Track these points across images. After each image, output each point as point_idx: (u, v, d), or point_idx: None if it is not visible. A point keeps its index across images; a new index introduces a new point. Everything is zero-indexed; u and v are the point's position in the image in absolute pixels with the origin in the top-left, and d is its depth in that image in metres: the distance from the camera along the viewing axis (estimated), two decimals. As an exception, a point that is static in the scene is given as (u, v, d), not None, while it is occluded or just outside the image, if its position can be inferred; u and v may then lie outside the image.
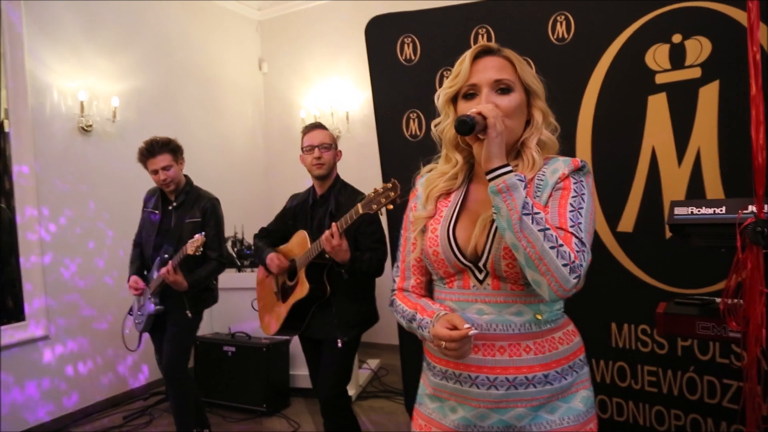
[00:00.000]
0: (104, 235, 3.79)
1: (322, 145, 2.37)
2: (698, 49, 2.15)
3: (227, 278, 3.99)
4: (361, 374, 4.01)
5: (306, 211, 2.46)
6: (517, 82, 1.15)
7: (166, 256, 2.67)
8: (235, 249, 4.30)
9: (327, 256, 2.15)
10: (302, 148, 2.43)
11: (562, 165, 1.12)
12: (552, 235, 0.99)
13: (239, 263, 4.21)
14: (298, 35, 5.17)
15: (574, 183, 1.10)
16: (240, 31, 5.20)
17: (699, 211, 1.19)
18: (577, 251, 1.00)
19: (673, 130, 2.21)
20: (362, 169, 3.92)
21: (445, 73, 2.70)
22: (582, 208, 1.07)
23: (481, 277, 1.14)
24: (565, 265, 0.98)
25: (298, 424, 3.35)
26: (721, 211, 1.17)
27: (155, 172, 2.71)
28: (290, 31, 5.23)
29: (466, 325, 1.03)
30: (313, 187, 2.49)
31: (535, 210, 1.00)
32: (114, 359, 3.81)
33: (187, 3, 4.60)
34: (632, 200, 2.31)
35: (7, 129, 3.33)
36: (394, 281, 1.31)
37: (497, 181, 1.01)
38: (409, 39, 2.82)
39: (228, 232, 4.27)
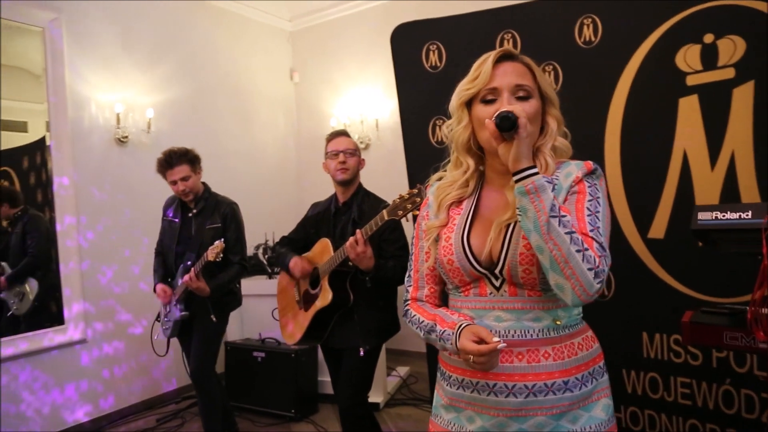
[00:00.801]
0: (140, 242, 3.90)
1: (346, 150, 2.38)
2: (731, 48, 2.08)
3: (258, 285, 4.07)
4: (390, 381, 3.99)
5: (328, 219, 2.46)
6: (535, 89, 1.15)
7: (189, 263, 2.72)
8: (266, 256, 4.36)
9: (351, 263, 2.14)
10: (326, 154, 2.45)
11: (575, 168, 1.11)
12: (578, 239, 0.99)
13: (270, 270, 4.27)
14: (328, 45, 5.23)
15: (589, 186, 1.09)
16: (272, 42, 5.30)
17: (724, 215, 1.15)
18: (600, 256, 1.00)
19: (706, 132, 2.13)
20: (392, 175, 3.92)
21: (470, 79, 2.68)
22: (599, 212, 1.06)
23: (497, 284, 1.12)
24: (590, 269, 0.98)
25: (325, 430, 3.36)
26: (747, 215, 1.12)
27: (174, 183, 2.76)
28: (321, 41, 5.30)
29: (495, 339, 1.01)
30: (335, 194, 2.49)
31: (562, 213, 0.99)
32: (148, 363, 3.91)
33: (219, 16, 4.73)
34: (663, 206, 2.24)
35: (48, 142, 3.48)
36: (407, 291, 1.31)
37: (525, 182, 1.00)
38: (435, 46, 2.81)
39: (259, 239, 4.35)
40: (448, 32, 2.79)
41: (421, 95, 2.87)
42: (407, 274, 1.33)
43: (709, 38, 2.12)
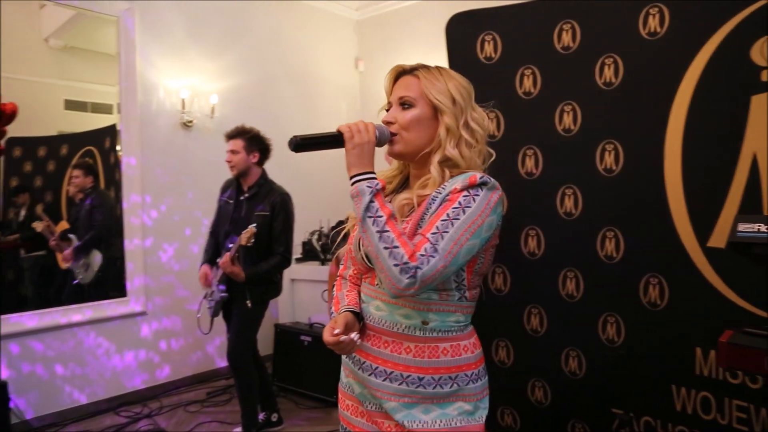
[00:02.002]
0: (200, 223, 4.07)
1: None
2: (817, 41, 1.86)
3: (311, 270, 4.14)
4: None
5: None
6: (419, 98, 1.24)
7: (230, 245, 2.80)
8: (320, 243, 4.43)
9: None
10: None
11: (458, 181, 1.16)
12: (389, 237, 1.08)
13: (322, 256, 4.33)
14: (393, 34, 5.20)
15: (464, 196, 1.13)
16: (338, 30, 5.33)
17: (767, 228, 1.03)
18: (421, 255, 1.06)
19: (780, 135, 1.93)
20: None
21: (525, 71, 2.58)
22: (458, 219, 1.10)
23: None
24: (395, 265, 1.06)
25: (364, 419, 3.38)
26: (793, 230, 1.00)
27: (227, 153, 2.90)
28: (386, 31, 5.27)
29: (336, 330, 1.15)
30: None
31: (379, 213, 1.10)
32: (203, 339, 4.06)
33: (286, 5, 4.80)
34: (726, 213, 2.05)
35: (118, 126, 3.70)
36: (340, 267, 1.45)
37: (351, 188, 1.15)
38: (490, 36, 2.72)
39: (314, 226, 4.42)
40: (505, 22, 2.69)
41: (474, 86, 2.79)
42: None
43: (791, 29, 1.91)
